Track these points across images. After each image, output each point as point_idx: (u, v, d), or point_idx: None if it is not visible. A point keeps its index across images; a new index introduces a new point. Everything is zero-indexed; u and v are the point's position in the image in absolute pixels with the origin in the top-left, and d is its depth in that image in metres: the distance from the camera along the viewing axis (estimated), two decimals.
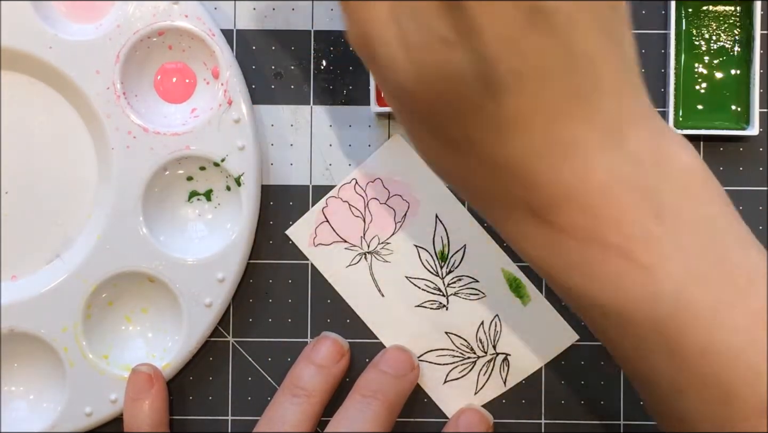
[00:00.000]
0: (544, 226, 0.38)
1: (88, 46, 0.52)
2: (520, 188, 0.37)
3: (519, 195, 0.38)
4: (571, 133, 0.36)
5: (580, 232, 0.37)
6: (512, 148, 0.37)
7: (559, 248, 0.38)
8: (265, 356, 0.54)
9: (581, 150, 0.36)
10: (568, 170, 0.36)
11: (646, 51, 0.55)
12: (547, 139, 0.36)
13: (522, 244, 0.40)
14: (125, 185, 0.52)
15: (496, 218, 0.40)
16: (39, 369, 0.54)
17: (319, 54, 0.55)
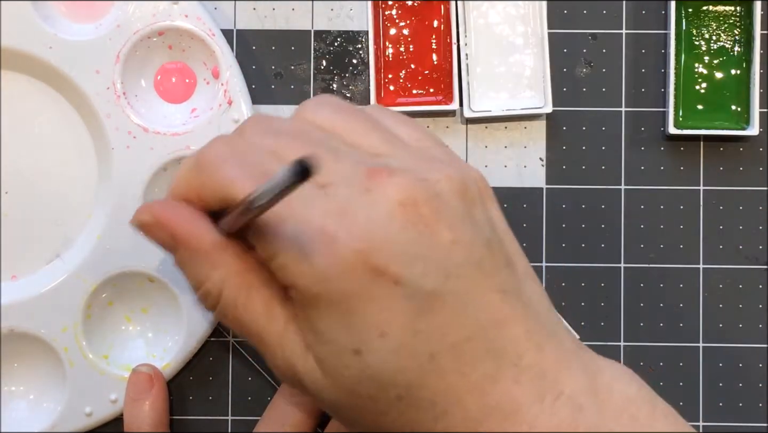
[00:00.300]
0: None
1: (88, 46, 0.52)
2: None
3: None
4: (505, 396, 0.37)
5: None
6: (452, 425, 0.38)
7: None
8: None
9: (519, 409, 0.37)
10: (512, 430, 0.37)
11: (646, 51, 0.55)
12: (483, 408, 0.37)
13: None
14: (125, 185, 0.52)
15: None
16: (39, 369, 0.54)
17: (319, 54, 0.55)
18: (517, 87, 0.54)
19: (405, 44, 0.54)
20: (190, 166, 0.40)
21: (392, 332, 0.36)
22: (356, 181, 0.37)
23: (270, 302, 0.39)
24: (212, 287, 0.39)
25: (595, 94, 0.55)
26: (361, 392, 0.38)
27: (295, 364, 0.38)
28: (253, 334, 0.39)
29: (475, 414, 0.37)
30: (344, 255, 0.36)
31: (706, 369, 0.54)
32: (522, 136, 0.55)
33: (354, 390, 0.37)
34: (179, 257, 0.40)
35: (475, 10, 0.54)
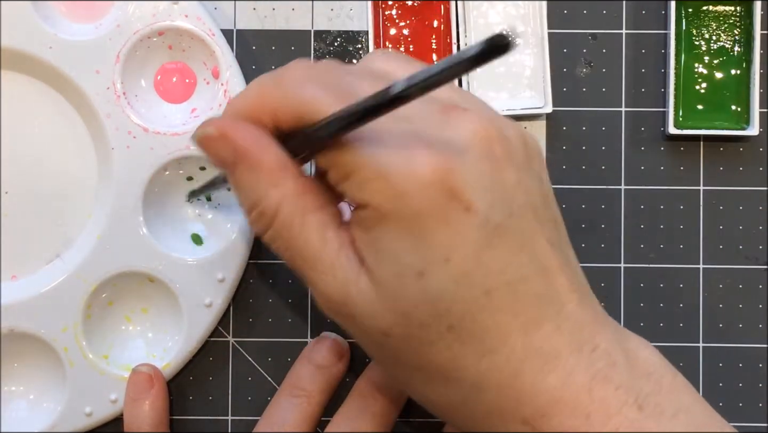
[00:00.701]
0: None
1: (88, 46, 0.52)
2: (509, 402, 0.39)
3: (509, 409, 0.39)
4: (547, 341, 0.38)
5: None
6: (495, 364, 0.38)
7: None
8: (265, 356, 0.55)
9: (559, 355, 0.38)
10: (553, 377, 0.38)
11: (646, 51, 0.55)
12: (526, 349, 0.38)
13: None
14: (125, 185, 0.52)
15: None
16: (39, 369, 0.54)
17: (319, 54, 0.55)
18: (517, 87, 0.54)
19: (405, 44, 0.54)
20: (267, 82, 0.40)
21: (457, 259, 0.37)
22: (434, 115, 0.38)
23: (325, 226, 0.39)
24: (268, 207, 0.39)
25: (595, 94, 0.55)
26: (414, 318, 0.38)
27: (348, 288, 0.39)
28: (306, 257, 0.39)
29: (518, 355, 0.38)
30: (423, 173, 0.36)
31: (706, 369, 0.54)
32: None
33: (408, 314, 0.38)
34: (238, 174, 0.40)
35: (475, 10, 0.54)
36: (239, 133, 0.40)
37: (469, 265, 0.37)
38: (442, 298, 0.37)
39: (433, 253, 0.37)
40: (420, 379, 0.40)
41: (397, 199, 0.37)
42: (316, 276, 0.39)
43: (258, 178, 0.40)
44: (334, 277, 0.39)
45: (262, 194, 0.40)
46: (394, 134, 0.37)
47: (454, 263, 0.37)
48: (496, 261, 0.38)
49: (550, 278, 0.39)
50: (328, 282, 0.39)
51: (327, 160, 0.39)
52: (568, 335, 0.39)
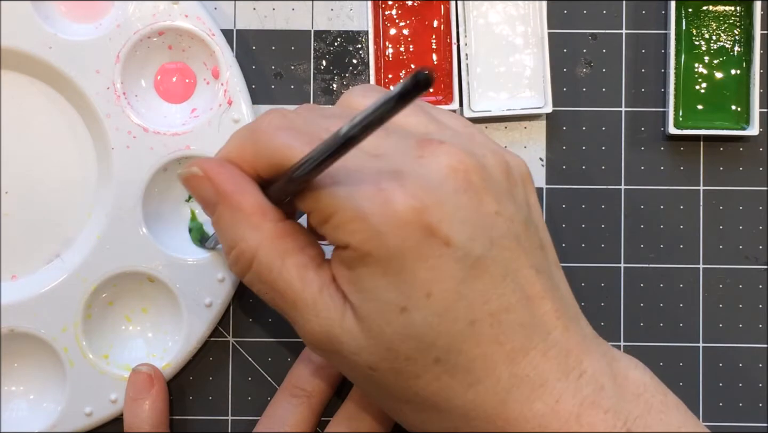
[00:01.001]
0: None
1: (88, 46, 0.52)
2: (498, 430, 0.40)
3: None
4: (533, 369, 0.39)
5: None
6: (482, 394, 0.39)
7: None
8: (265, 356, 0.55)
9: (545, 382, 0.39)
10: (540, 404, 0.39)
11: (646, 51, 0.55)
12: (513, 378, 0.39)
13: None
14: (125, 185, 0.52)
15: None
16: (39, 369, 0.54)
17: (319, 54, 0.55)
18: (517, 87, 0.54)
19: (405, 44, 0.54)
20: (244, 134, 0.42)
21: (438, 293, 0.38)
22: (408, 150, 0.39)
23: (305, 267, 0.40)
24: (246, 249, 0.41)
25: (595, 94, 0.55)
26: (401, 352, 0.39)
27: (331, 326, 0.40)
28: (287, 299, 0.40)
29: (505, 384, 0.39)
30: (399, 211, 0.37)
31: (706, 369, 0.55)
32: (522, 136, 0.55)
33: (393, 349, 0.39)
34: (219, 213, 0.41)
35: (475, 10, 0.54)
36: (222, 175, 0.41)
37: (451, 298, 0.38)
38: (427, 332, 0.38)
39: (413, 289, 0.38)
40: (410, 410, 0.41)
41: (375, 239, 0.37)
42: (299, 316, 0.40)
43: (238, 220, 0.41)
44: (317, 316, 0.40)
45: (241, 236, 0.41)
46: (370, 173, 0.38)
47: (436, 297, 0.38)
48: (478, 292, 0.38)
49: (535, 306, 0.40)
50: (311, 321, 0.40)
51: (306, 205, 0.40)
52: (555, 361, 0.39)
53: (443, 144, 0.39)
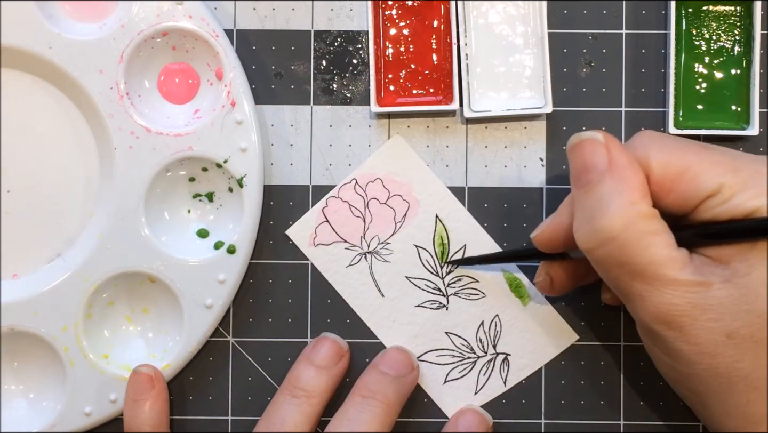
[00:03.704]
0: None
1: (91, 45, 0.55)
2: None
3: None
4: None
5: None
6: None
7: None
8: (265, 356, 0.58)
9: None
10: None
11: (646, 51, 0.58)
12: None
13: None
14: (127, 185, 0.55)
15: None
16: (39, 368, 0.57)
17: (319, 54, 0.58)
18: (517, 87, 0.57)
19: (405, 44, 0.57)
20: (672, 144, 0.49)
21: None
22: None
23: (671, 247, 0.46)
24: (615, 221, 0.46)
25: (595, 94, 0.58)
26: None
27: (692, 298, 0.45)
28: (645, 275, 0.46)
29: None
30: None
31: None
32: (522, 136, 0.58)
33: (764, 314, 0.45)
34: (599, 183, 0.47)
35: (475, 10, 0.57)
36: (619, 149, 0.48)
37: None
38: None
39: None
40: (738, 389, 0.46)
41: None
42: (654, 291, 0.46)
43: (619, 192, 0.46)
44: (677, 289, 0.46)
45: (616, 208, 0.46)
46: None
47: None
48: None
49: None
50: (667, 294, 0.46)
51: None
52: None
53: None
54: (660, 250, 0.46)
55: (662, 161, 0.47)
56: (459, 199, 0.58)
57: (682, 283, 0.45)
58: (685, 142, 0.48)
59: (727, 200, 0.46)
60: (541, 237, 0.52)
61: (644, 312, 0.47)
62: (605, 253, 0.46)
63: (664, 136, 0.49)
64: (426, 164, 0.58)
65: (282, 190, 0.58)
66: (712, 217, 0.46)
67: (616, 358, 0.58)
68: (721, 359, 0.46)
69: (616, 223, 0.46)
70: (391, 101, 0.57)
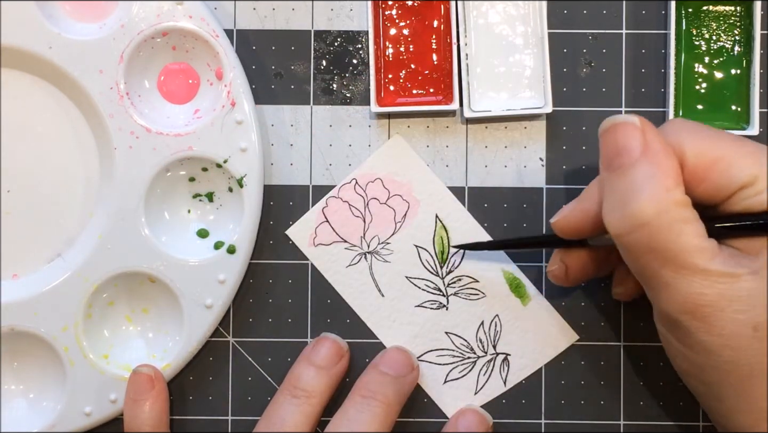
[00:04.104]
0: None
1: (91, 45, 0.55)
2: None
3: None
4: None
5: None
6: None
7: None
8: (265, 356, 0.58)
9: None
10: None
11: (646, 51, 0.58)
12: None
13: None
14: (127, 185, 0.55)
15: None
16: (39, 368, 0.57)
17: (319, 54, 0.58)
18: (517, 87, 0.57)
19: (405, 44, 0.57)
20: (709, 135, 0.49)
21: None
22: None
23: (701, 236, 0.46)
24: (648, 207, 0.46)
25: (595, 94, 0.58)
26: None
27: (720, 288, 0.45)
28: (675, 262, 0.46)
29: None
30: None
31: None
32: (522, 136, 0.58)
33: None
34: (633, 167, 0.47)
35: (475, 10, 0.57)
36: (655, 134, 0.47)
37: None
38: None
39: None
40: (757, 383, 0.46)
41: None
42: (681, 279, 0.46)
43: (652, 176, 0.46)
44: (706, 279, 0.45)
45: (649, 194, 0.46)
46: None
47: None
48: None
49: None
50: (695, 283, 0.46)
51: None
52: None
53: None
54: (691, 239, 0.46)
55: (696, 150, 0.47)
56: (459, 199, 0.58)
57: (711, 273, 0.45)
58: (718, 132, 0.48)
59: (761, 192, 0.46)
60: (563, 222, 0.51)
61: (670, 301, 0.47)
62: (636, 239, 0.46)
63: (697, 125, 0.49)
64: (426, 164, 0.58)
65: (282, 190, 0.58)
66: (745, 208, 0.46)
67: (616, 358, 0.58)
68: (743, 351, 0.46)
69: (649, 208, 0.46)
70: (391, 101, 0.57)
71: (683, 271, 0.46)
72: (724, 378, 0.47)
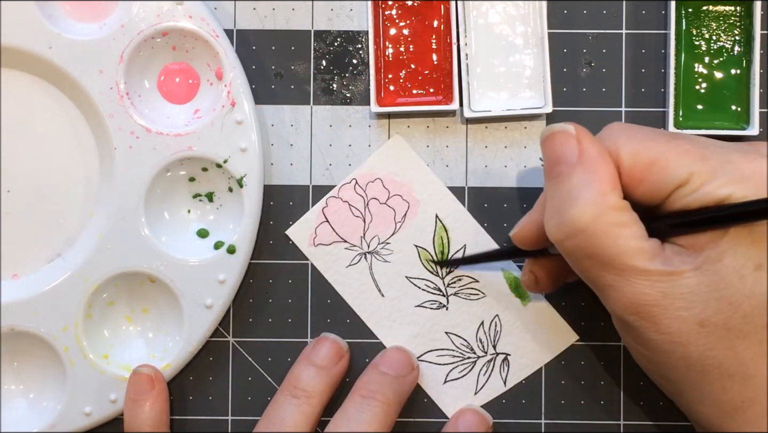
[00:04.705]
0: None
1: (91, 45, 0.55)
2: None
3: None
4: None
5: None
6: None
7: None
8: (265, 356, 0.58)
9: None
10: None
11: (646, 51, 0.58)
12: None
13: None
14: (127, 185, 0.56)
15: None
16: (39, 368, 0.57)
17: (319, 54, 0.59)
18: (517, 87, 0.57)
19: (405, 44, 0.57)
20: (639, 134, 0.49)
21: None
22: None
23: (640, 238, 0.47)
24: (584, 213, 0.46)
25: (595, 94, 0.58)
26: (741, 308, 0.45)
27: (663, 287, 0.46)
28: (614, 265, 0.46)
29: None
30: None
31: None
32: (522, 136, 0.59)
33: (736, 304, 0.45)
34: (570, 174, 0.47)
35: (475, 10, 0.57)
36: (590, 141, 0.48)
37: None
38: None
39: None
40: (713, 377, 0.47)
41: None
42: (624, 281, 0.47)
43: (588, 183, 0.47)
44: (647, 279, 0.46)
45: (585, 200, 0.47)
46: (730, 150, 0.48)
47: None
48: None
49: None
50: (638, 284, 0.46)
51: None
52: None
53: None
54: (629, 241, 0.46)
55: (631, 152, 0.48)
56: (459, 199, 0.59)
57: (652, 273, 0.46)
58: (654, 133, 0.49)
59: (697, 189, 0.46)
60: (520, 234, 0.52)
61: (615, 303, 0.47)
62: (574, 244, 0.47)
63: (633, 127, 0.49)
64: (426, 164, 0.59)
65: (282, 190, 0.59)
66: (683, 206, 0.47)
67: (616, 358, 0.58)
68: (693, 347, 0.46)
69: (586, 214, 0.46)
70: (391, 101, 0.57)
71: (624, 273, 0.46)
72: (680, 374, 0.47)
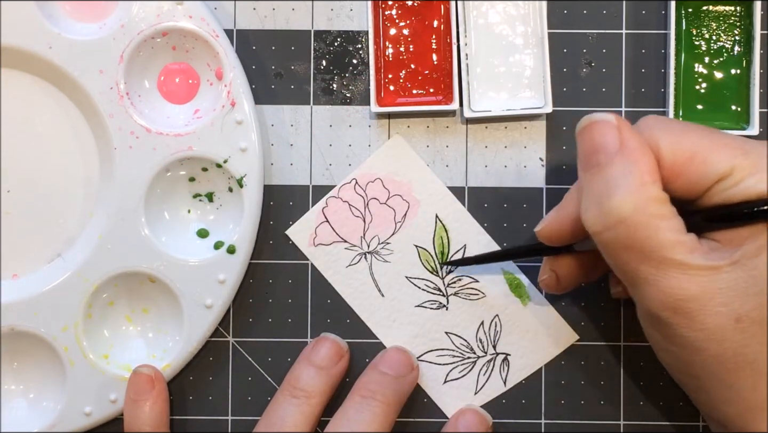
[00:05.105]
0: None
1: (91, 45, 0.55)
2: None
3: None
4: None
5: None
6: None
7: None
8: (265, 356, 0.58)
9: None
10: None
11: (646, 51, 0.58)
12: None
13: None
14: (127, 185, 0.56)
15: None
16: (39, 368, 0.57)
17: (319, 54, 0.59)
18: (517, 87, 0.57)
19: (405, 44, 0.57)
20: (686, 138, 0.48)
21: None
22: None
23: (679, 231, 0.46)
24: (624, 203, 0.46)
25: (595, 94, 0.58)
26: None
27: (701, 281, 0.45)
28: (653, 258, 0.46)
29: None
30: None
31: None
32: (522, 136, 0.59)
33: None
34: (609, 164, 0.47)
35: (475, 10, 0.57)
36: (631, 132, 0.48)
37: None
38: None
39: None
40: (744, 374, 0.46)
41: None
42: (661, 275, 0.46)
43: (629, 174, 0.46)
44: (685, 273, 0.45)
45: (625, 191, 0.46)
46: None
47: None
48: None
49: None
50: (676, 278, 0.46)
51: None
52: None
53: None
54: (669, 234, 0.46)
55: (671, 145, 0.47)
56: (459, 199, 0.59)
57: (691, 267, 0.45)
58: (692, 126, 0.48)
59: (739, 182, 0.46)
60: (546, 230, 0.52)
61: (651, 298, 0.47)
62: (613, 236, 0.46)
63: (671, 121, 0.49)
64: (426, 164, 0.59)
65: (282, 190, 0.59)
66: (724, 200, 0.46)
67: (616, 358, 0.58)
68: (728, 344, 0.46)
69: (626, 205, 0.46)
70: (391, 101, 0.57)
71: (662, 266, 0.46)
72: (711, 371, 0.47)
